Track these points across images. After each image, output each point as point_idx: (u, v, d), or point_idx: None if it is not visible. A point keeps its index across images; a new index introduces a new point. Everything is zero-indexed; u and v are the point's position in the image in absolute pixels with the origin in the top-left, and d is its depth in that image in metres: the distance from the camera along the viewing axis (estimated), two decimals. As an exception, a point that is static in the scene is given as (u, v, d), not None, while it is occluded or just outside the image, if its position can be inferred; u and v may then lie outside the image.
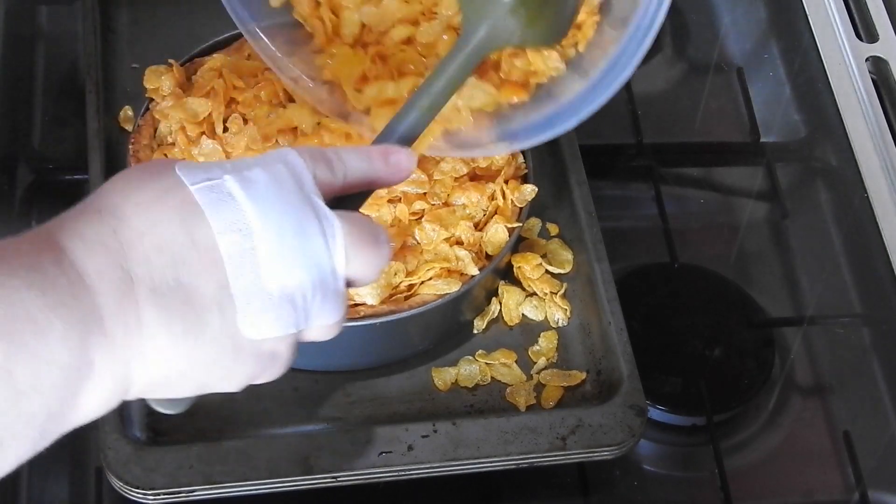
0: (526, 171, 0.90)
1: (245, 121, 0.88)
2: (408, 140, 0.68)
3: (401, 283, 0.83)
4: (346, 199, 0.62)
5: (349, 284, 0.59)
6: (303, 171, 0.57)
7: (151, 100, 0.91)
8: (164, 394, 0.57)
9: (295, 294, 0.55)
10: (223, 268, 0.54)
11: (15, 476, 0.83)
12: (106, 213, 0.53)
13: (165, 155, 0.87)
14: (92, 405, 0.52)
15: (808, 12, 1.12)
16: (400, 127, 0.68)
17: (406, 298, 0.83)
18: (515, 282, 0.90)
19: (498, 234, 0.87)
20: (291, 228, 0.55)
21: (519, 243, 0.91)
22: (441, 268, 0.84)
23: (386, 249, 0.60)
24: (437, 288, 0.83)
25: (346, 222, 0.57)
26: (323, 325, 0.58)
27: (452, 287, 0.84)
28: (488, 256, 0.87)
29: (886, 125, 1.05)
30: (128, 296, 0.52)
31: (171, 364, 0.53)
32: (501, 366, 0.87)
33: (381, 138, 0.68)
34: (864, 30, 1.12)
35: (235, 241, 0.54)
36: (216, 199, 0.54)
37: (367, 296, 0.82)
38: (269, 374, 0.58)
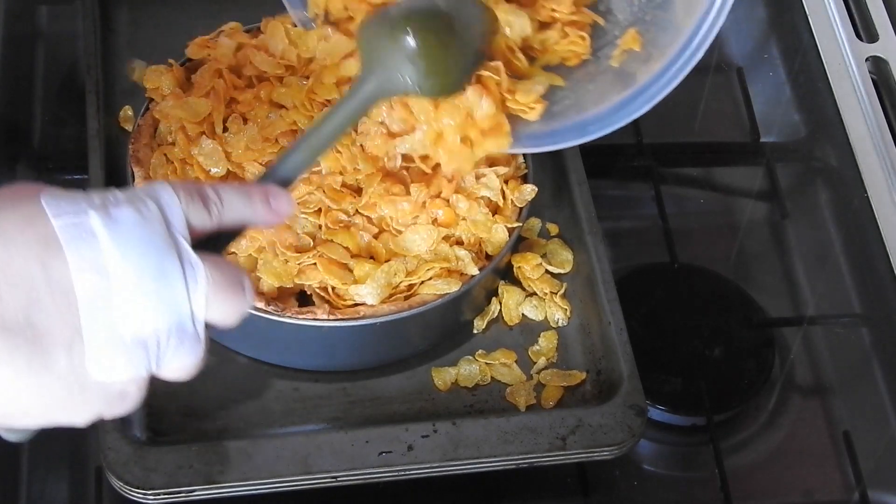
0: (526, 171, 0.90)
1: (245, 120, 0.88)
2: (289, 181, 0.68)
3: (401, 283, 0.83)
4: (218, 237, 0.61)
5: (209, 327, 0.59)
6: (174, 211, 0.57)
7: (151, 100, 0.91)
8: (8, 425, 0.57)
9: (149, 338, 0.55)
10: (77, 308, 0.53)
11: (15, 476, 0.84)
12: None
13: (165, 155, 0.87)
14: None
15: (808, 12, 1.12)
16: (284, 167, 0.68)
17: (406, 298, 0.83)
18: (515, 282, 0.90)
19: (498, 234, 0.87)
20: (152, 271, 0.55)
21: (519, 243, 0.91)
22: (441, 268, 0.84)
23: (248, 296, 0.59)
24: (437, 288, 0.83)
25: (211, 267, 0.57)
26: (177, 367, 0.58)
27: (452, 287, 0.84)
28: (488, 256, 0.87)
29: (886, 125, 1.05)
30: None
31: (13, 398, 0.53)
32: (501, 366, 0.86)
33: (265, 178, 0.68)
34: (864, 30, 1.12)
35: (92, 282, 0.53)
36: (77, 236, 0.53)
37: (368, 296, 0.82)
38: (117, 410, 0.58)
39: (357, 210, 0.85)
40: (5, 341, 0.52)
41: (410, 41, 0.71)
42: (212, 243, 0.60)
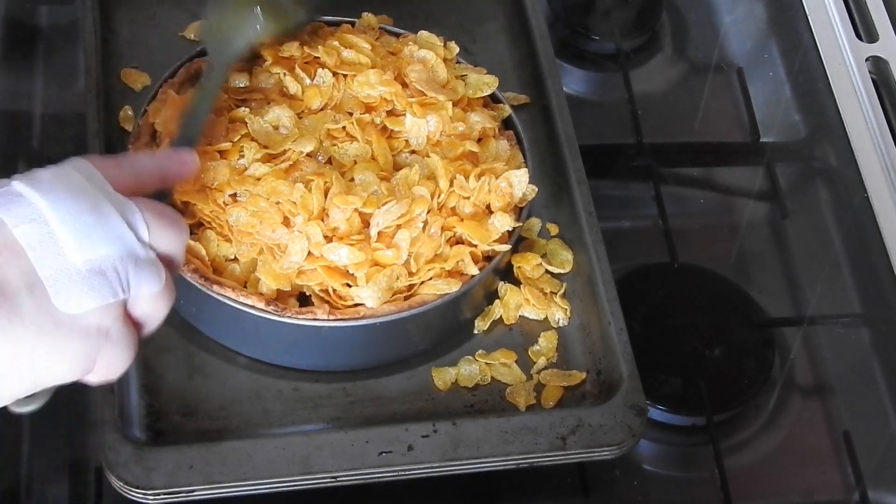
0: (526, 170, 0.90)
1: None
2: (189, 144, 0.79)
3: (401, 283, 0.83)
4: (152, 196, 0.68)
5: (164, 261, 0.63)
6: (91, 170, 0.62)
7: (152, 99, 0.91)
8: (8, 394, 0.59)
9: (104, 265, 0.59)
10: (26, 256, 0.57)
11: (15, 476, 0.84)
12: None
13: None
14: None
15: (808, 12, 1.12)
16: (181, 138, 0.80)
17: (406, 298, 0.83)
18: (515, 282, 0.90)
19: (496, 226, 0.87)
20: (86, 210, 0.59)
21: (519, 243, 0.91)
22: (441, 268, 0.84)
23: (183, 223, 0.65)
24: (437, 288, 0.83)
25: (142, 202, 0.62)
26: (147, 295, 0.61)
27: (452, 287, 0.84)
28: (488, 257, 0.87)
29: (886, 125, 1.05)
30: None
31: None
32: (501, 366, 0.86)
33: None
34: (864, 30, 1.12)
35: (32, 230, 0.58)
36: (6, 200, 0.58)
37: (368, 298, 0.82)
38: (108, 354, 0.60)
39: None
40: None
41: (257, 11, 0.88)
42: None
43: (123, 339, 0.60)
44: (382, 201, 0.84)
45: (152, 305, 0.62)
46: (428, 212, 0.85)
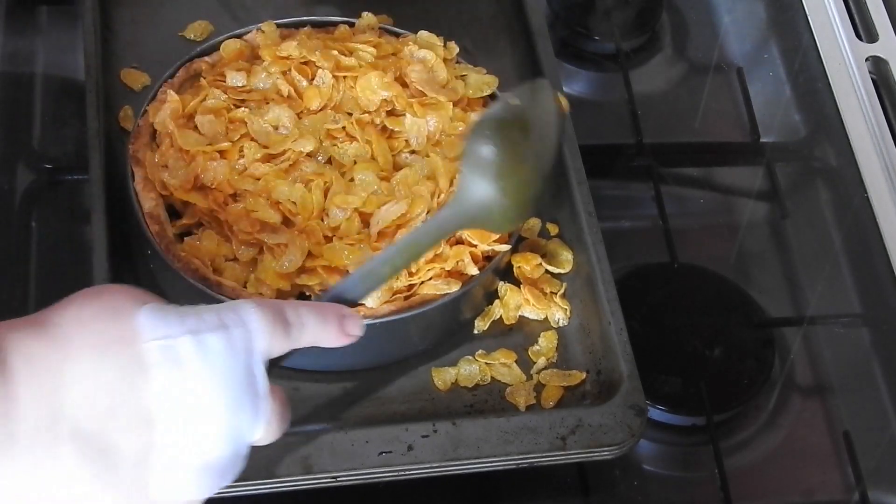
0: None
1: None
2: (361, 299, 0.72)
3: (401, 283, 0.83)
4: None
5: None
6: (259, 341, 0.60)
7: (152, 99, 0.91)
8: None
9: (214, 466, 0.58)
10: (153, 430, 0.55)
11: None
12: (57, 344, 0.55)
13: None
14: None
15: (808, 12, 1.12)
16: (357, 288, 0.71)
17: (406, 298, 0.83)
18: (515, 282, 0.90)
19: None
20: (229, 403, 0.58)
21: (519, 243, 0.91)
22: (441, 268, 0.84)
23: (289, 418, 0.64)
24: (437, 288, 0.83)
25: (273, 401, 0.61)
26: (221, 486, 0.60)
27: (452, 287, 0.84)
28: (488, 257, 0.87)
29: (886, 125, 1.05)
30: (50, 429, 0.53)
31: (78, 502, 0.55)
32: (501, 366, 0.86)
33: (339, 295, 0.70)
34: (864, 30, 1.12)
35: (172, 408, 0.56)
36: (167, 361, 0.56)
37: (367, 299, 0.82)
38: None
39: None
40: (78, 448, 0.54)
41: (507, 201, 0.73)
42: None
43: None
44: (382, 201, 0.84)
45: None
46: (428, 212, 0.85)
